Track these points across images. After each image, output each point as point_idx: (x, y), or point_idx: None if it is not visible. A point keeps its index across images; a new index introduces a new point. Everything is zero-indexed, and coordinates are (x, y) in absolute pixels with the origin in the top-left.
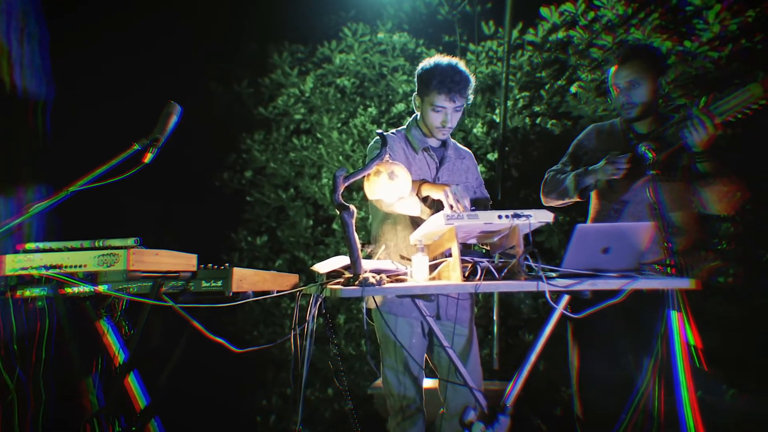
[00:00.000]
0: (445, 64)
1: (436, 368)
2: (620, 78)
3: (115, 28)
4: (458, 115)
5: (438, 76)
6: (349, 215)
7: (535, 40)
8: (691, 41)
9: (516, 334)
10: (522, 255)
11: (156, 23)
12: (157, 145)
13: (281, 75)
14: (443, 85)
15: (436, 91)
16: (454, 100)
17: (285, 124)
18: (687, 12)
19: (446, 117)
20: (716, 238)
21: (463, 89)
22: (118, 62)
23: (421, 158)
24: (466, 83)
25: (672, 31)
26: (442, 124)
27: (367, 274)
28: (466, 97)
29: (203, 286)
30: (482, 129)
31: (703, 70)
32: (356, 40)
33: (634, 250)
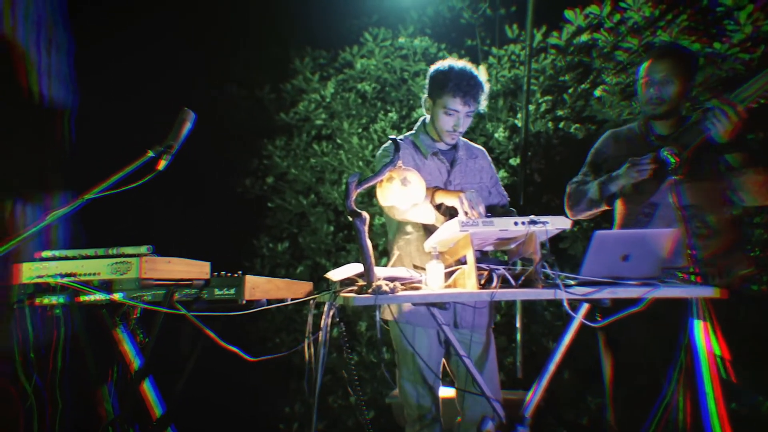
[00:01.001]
0: (460, 68)
1: (453, 376)
2: (655, 72)
3: (137, 33)
4: (469, 120)
5: (453, 78)
6: (361, 222)
7: (559, 44)
8: (721, 43)
9: (540, 342)
10: (539, 262)
11: (179, 28)
12: (171, 152)
13: (302, 80)
14: (458, 88)
15: (450, 94)
16: (467, 104)
17: (306, 130)
18: (717, 13)
19: (458, 121)
20: (749, 244)
21: (477, 93)
22: (139, 67)
23: (431, 163)
24: (480, 88)
25: (701, 32)
26: (454, 128)
27: (380, 282)
28: (478, 102)
29: (216, 294)
30: (504, 133)
31: (733, 72)
32: (377, 45)
33: (655, 257)
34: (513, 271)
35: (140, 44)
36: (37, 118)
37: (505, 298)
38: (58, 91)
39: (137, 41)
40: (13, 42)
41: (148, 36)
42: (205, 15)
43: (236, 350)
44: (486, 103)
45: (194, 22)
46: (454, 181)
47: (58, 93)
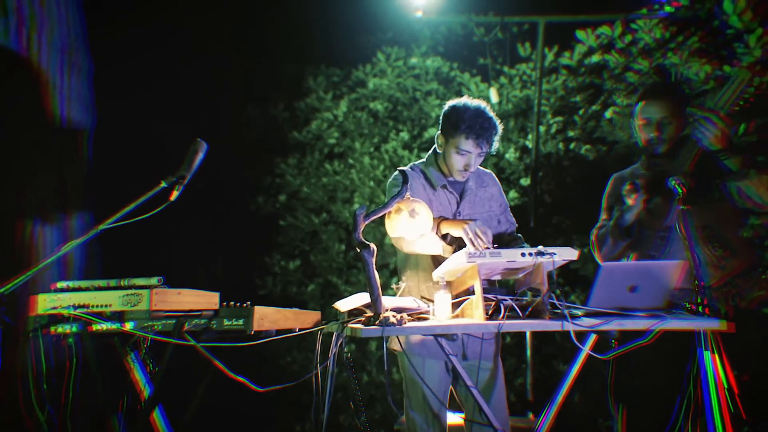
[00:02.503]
0: (475, 107)
1: (461, 404)
2: (653, 113)
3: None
4: (481, 159)
5: (467, 120)
6: (369, 254)
7: (570, 64)
8: (731, 66)
9: (550, 364)
10: (546, 293)
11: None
12: (183, 182)
13: (315, 99)
14: (471, 130)
15: (464, 136)
16: (480, 147)
17: (319, 148)
18: (727, 35)
19: (470, 161)
20: (760, 267)
21: (490, 136)
22: (155, 85)
23: (441, 194)
24: (494, 130)
25: (711, 55)
26: (465, 168)
27: (387, 314)
28: (491, 144)
29: (225, 325)
30: (515, 154)
31: None
32: (389, 65)
33: (662, 288)
34: (520, 301)
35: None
36: (58, 140)
37: (512, 329)
38: (78, 112)
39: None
40: (37, 67)
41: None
42: (222, 33)
43: (244, 380)
44: (498, 145)
45: (212, 40)
46: (463, 212)
47: (77, 115)
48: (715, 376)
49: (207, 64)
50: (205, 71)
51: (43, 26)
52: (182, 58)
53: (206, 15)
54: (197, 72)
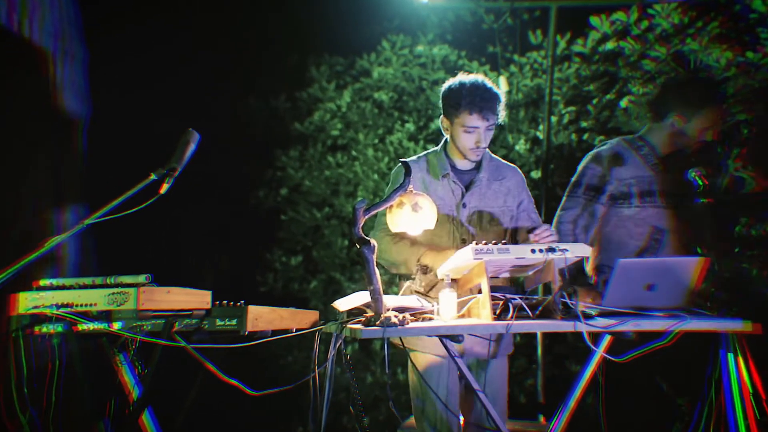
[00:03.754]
0: (472, 81)
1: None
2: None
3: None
4: (491, 133)
5: (467, 95)
6: (369, 250)
7: (584, 51)
8: (754, 52)
9: (562, 364)
10: (558, 292)
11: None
12: (173, 174)
13: (318, 89)
14: (473, 103)
15: (467, 111)
16: (487, 119)
17: (321, 140)
18: (750, 20)
19: (480, 137)
20: None
21: (494, 106)
22: (152, 79)
23: (444, 185)
24: (496, 99)
25: (733, 40)
26: (476, 145)
27: (389, 313)
28: (497, 114)
29: (218, 325)
30: (525, 146)
31: (766, 82)
32: (395, 53)
33: (682, 286)
34: (530, 300)
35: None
36: (51, 130)
37: (521, 330)
38: (72, 102)
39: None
40: (29, 53)
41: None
42: (224, 21)
43: (237, 384)
44: (505, 113)
45: (212, 28)
46: (469, 204)
47: (71, 104)
48: (739, 380)
49: (207, 57)
50: (205, 64)
51: (35, 12)
52: (182, 51)
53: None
54: (197, 65)
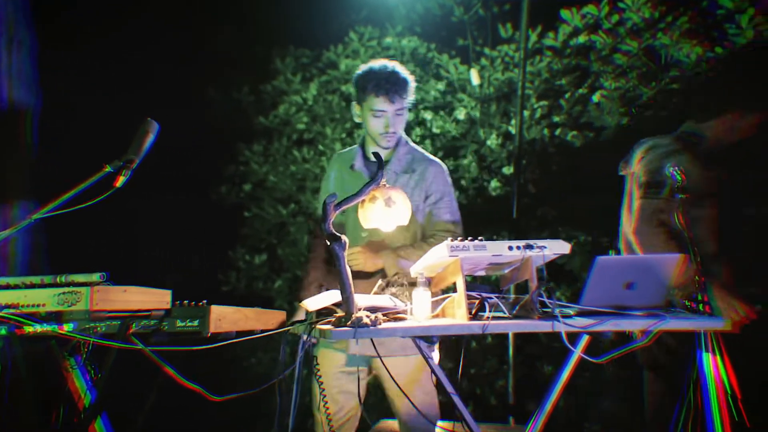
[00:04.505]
0: (379, 66)
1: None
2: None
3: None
4: (401, 119)
5: (373, 78)
6: (340, 247)
7: (555, 45)
8: (722, 47)
9: (534, 365)
10: (535, 290)
11: (151, 25)
12: (130, 167)
13: (284, 81)
14: (380, 86)
15: (373, 95)
16: (393, 101)
17: (287, 134)
18: (717, 16)
19: (388, 121)
20: None
21: (401, 89)
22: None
23: (355, 177)
24: (403, 83)
25: (702, 36)
26: (386, 129)
27: (361, 313)
28: (405, 98)
29: (178, 326)
30: (497, 141)
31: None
32: (363, 45)
33: (660, 284)
34: (506, 299)
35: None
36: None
37: (498, 330)
38: (20, 92)
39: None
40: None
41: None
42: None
43: (198, 388)
44: (412, 97)
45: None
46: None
47: (19, 94)
48: (716, 380)
49: (166, 45)
50: (164, 53)
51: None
52: (139, 39)
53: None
54: (155, 53)
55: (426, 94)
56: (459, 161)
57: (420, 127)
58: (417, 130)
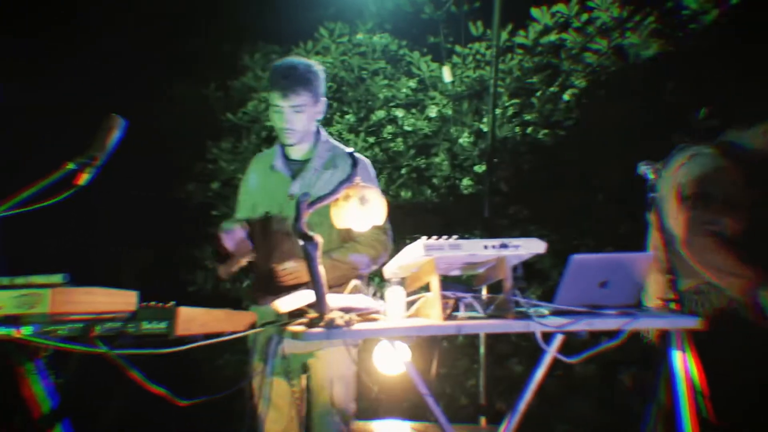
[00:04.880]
0: (283, 61)
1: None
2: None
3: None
4: (301, 116)
5: (273, 74)
6: (313, 247)
7: (526, 43)
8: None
9: (505, 365)
10: (510, 290)
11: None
12: (94, 164)
13: (252, 78)
14: (275, 83)
15: (271, 90)
16: (287, 98)
17: (256, 132)
18: (683, 16)
19: (284, 117)
20: None
21: (296, 86)
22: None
23: (274, 177)
24: (300, 80)
25: (669, 35)
26: (282, 125)
27: (334, 314)
28: (300, 94)
29: (144, 328)
30: (469, 139)
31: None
32: (333, 41)
33: (633, 282)
34: (481, 299)
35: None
36: None
37: (473, 330)
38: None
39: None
40: None
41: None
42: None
43: (164, 392)
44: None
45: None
46: (294, 194)
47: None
48: (687, 379)
49: (131, 40)
50: (128, 47)
51: None
52: (103, 32)
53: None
54: (119, 47)
55: (397, 91)
56: (431, 159)
57: (392, 125)
58: (389, 127)
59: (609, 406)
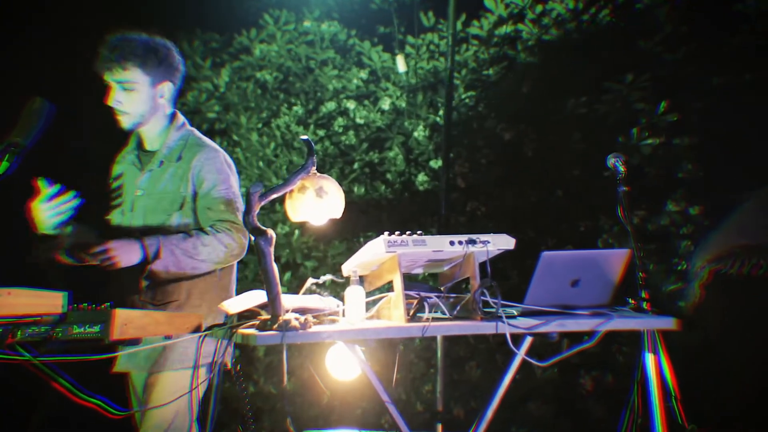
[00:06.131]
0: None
1: None
2: None
3: None
4: (133, 96)
5: (102, 47)
6: (266, 242)
7: (481, 34)
8: (643, 41)
9: (462, 368)
10: (478, 289)
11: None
12: (16, 151)
13: (192, 66)
14: (104, 57)
15: (100, 63)
16: (111, 71)
17: (196, 124)
18: (637, 9)
19: (113, 95)
20: (675, 257)
21: (123, 60)
22: None
23: (128, 169)
24: (130, 54)
25: (623, 29)
26: (113, 105)
27: (288, 316)
28: (130, 70)
29: (75, 333)
30: (424, 132)
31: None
32: (279, 29)
33: (606, 281)
34: (447, 299)
35: None
36: None
37: (439, 333)
38: None
39: None
40: None
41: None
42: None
43: (99, 403)
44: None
45: None
46: (145, 190)
47: None
48: (663, 381)
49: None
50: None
51: None
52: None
53: None
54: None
55: (348, 82)
56: (385, 153)
57: (343, 117)
58: (340, 120)
59: (568, 411)
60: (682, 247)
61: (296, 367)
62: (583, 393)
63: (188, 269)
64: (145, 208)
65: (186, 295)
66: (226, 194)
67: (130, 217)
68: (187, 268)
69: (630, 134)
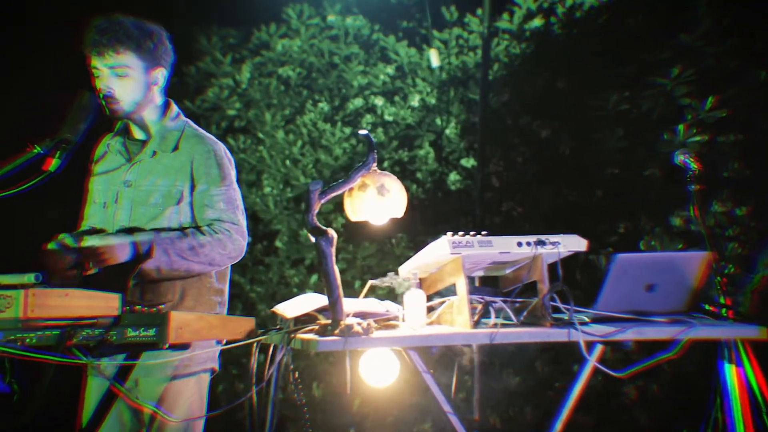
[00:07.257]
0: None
1: None
2: None
3: None
4: (126, 83)
5: (89, 31)
6: (327, 243)
7: (511, 28)
8: (685, 34)
9: (499, 375)
10: (547, 294)
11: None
12: (66, 148)
13: (211, 63)
14: (92, 41)
15: (85, 49)
16: (102, 55)
17: (216, 121)
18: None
19: (101, 82)
20: (722, 260)
21: (115, 43)
22: None
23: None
24: (122, 38)
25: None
26: (101, 92)
27: (350, 320)
28: (123, 54)
29: (129, 336)
30: (456, 130)
31: (704, 66)
32: (302, 23)
33: (684, 286)
34: (513, 304)
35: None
36: None
37: (508, 340)
38: None
39: None
40: None
41: None
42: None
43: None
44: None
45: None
46: (134, 182)
47: None
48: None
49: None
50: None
51: None
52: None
53: None
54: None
55: (374, 78)
56: (415, 152)
57: (370, 114)
58: (368, 117)
59: (610, 421)
60: (728, 250)
61: (324, 374)
62: (626, 402)
63: (181, 270)
64: (132, 201)
65: (180, 297)
66: (227, 191)
67: (113, 210)
68: (181, 270)
69: (676, 131)
